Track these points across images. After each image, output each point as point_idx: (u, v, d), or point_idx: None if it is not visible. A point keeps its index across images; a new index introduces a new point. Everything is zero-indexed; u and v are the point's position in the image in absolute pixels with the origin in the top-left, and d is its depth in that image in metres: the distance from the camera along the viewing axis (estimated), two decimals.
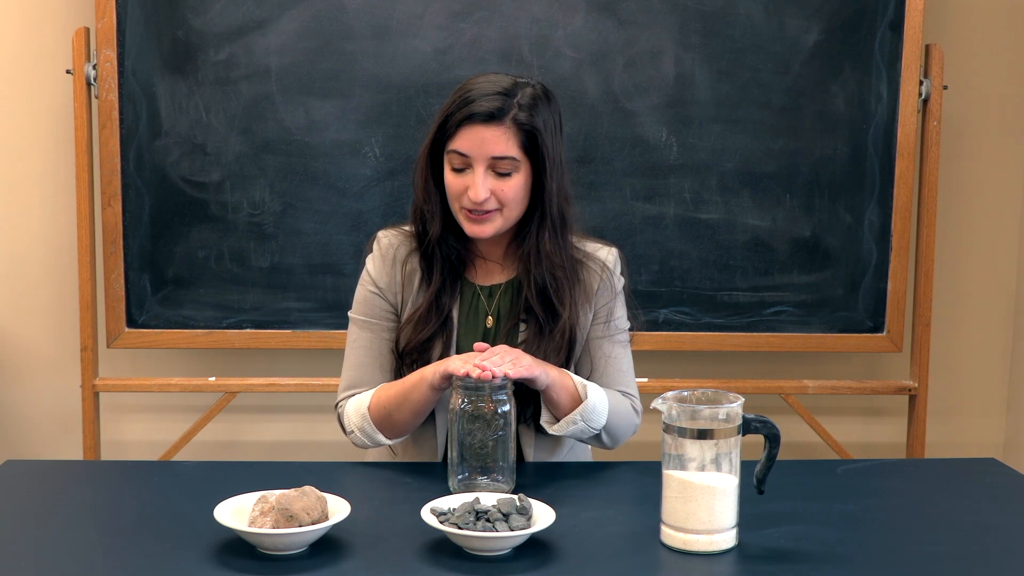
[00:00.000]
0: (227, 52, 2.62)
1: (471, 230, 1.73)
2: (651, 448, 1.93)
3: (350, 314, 1.85)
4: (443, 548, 1.40)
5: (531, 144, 1.70)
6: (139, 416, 2.93)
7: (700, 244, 2.73)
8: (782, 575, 1.35)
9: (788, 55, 2.68)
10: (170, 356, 2.85)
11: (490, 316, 1.81)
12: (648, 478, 1.64)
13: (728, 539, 1.42)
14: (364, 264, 1.85)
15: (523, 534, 1.38)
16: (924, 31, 2.69)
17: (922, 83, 2.70)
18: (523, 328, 1.79)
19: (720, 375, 2.91)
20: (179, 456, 2.77)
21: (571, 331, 1.77)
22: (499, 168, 1.69)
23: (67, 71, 2.64)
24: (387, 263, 1.82)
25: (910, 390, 2.83)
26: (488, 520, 1.40)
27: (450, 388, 1.64)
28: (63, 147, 2.78)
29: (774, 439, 1.47)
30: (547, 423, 1.74)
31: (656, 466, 1.48)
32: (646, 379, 2.69)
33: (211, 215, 2.67)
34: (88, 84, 2.62)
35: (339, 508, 1.43)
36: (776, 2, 2.66)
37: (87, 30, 2.62)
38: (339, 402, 1.83)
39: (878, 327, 2.78)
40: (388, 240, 1.84)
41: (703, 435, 1.40)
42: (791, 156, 2.71)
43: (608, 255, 1.84)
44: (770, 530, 1.49)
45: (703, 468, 1.41)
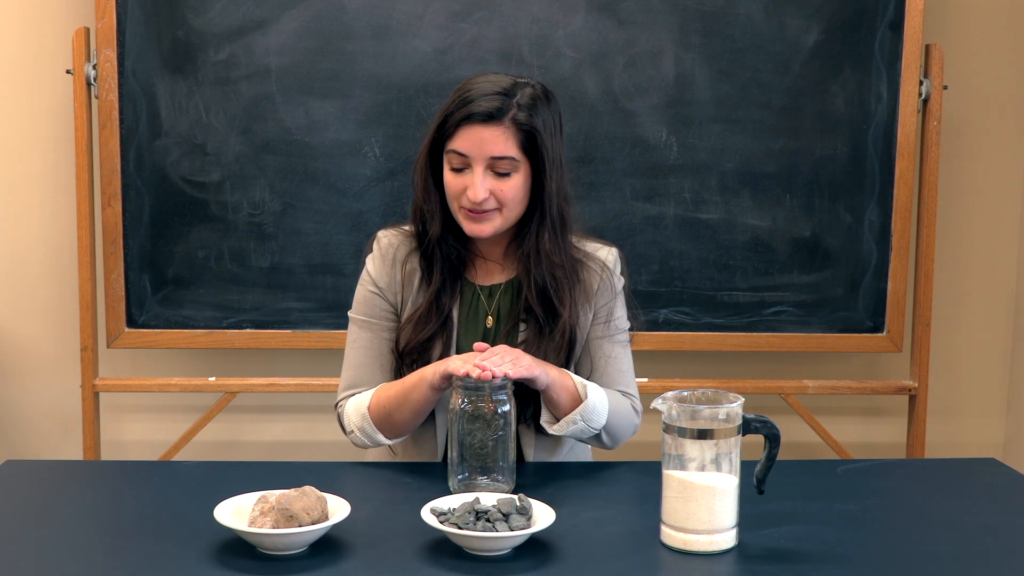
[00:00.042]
0: (227, 52, 2.62)
1: (470, 229, 1.73)
2: (651, 448, 1.93)
3: (350, 314, 1.85)
4: (443, 548, 1.40)
5: (530, 144, 1.69)
6: (139, 416, 2.93)
7: (700, 244, 2.73)
8: (782, 575, 1.35)
9: (788, 55, 2.68)
10: (170, 356, 2.85)
11: (490, 316, 1.81)
12: (648, 478, 1.64)
13: (728, 539, 1.42)
14: (364, 264, 1.85)
15: (523, 534, 1.38)
16: (924, 31, 2.69)
17: (922, 83, 2.70)
18: (523, 328, 1.79)
19: (720, 375, 2.91)
20: (179, 456, 2.77)
21: (571, 331, 1.77)
22: (498, 168, 1.69)
23: (67, 71, 2.64)
24: (387, 263, 1.82)
25: (910, 390, 2.83)
26: (488, 520, 1.40)
27: (450, 388, 1.64)
28: (63, 147, 2.78)
29: (774, 439, 1.47)
30: (547, 423, 1.73)
31: (656, 466, 1.48)
32: (646, 379, 2.69)
33: (211, 215, 2.67)
34: (88, 84, 2.62)
35: (339, 508, 1.43)
36: (776, 2, 2.66)
37: (87, 30, 2.62)
38: (339, 402, 1.83)
39: (878, 327, 2.78)
40: (388, 240, 1.84)
41: (703, 435, 1.40)
42: (791, 156, 2.71)
43: (608, 255, 1.84)
44: (770, 530, 1.49)
45: (703, 468, 1.41)
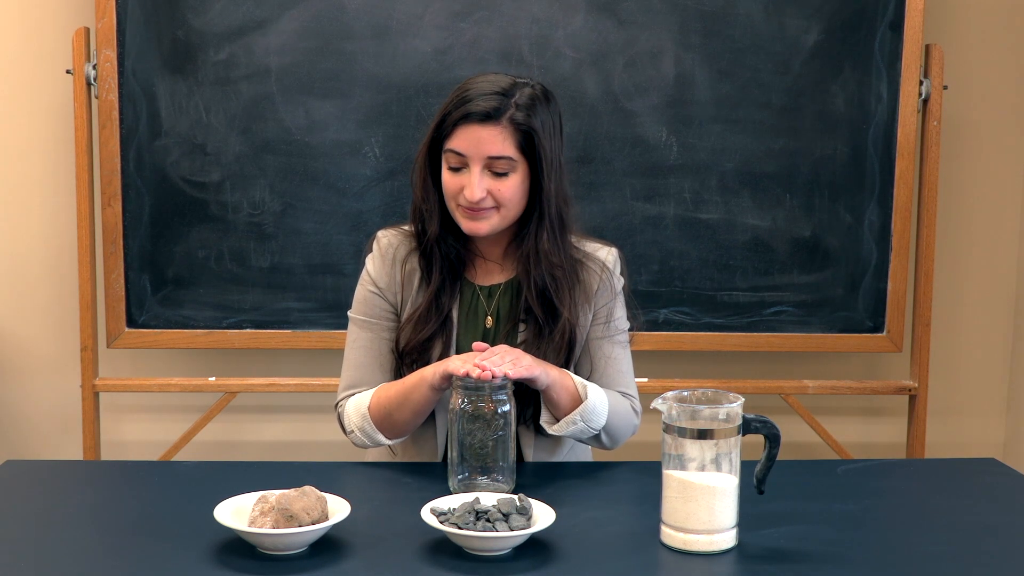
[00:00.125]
0: (227, 52, 2.62)
1: (467, 227, 1.73)
2: (651, 448, 1.93)
3: (350, 314, 1.85)
4: (443, 548, 1.40)
5: (528, 144, 1.69)
6: (139, 416, 2.93)
7: (700, 244, 2.73)
8: (782, 575, 1.35)
9: (788, 55, 2.68)
10: (170, 356, 2.85)
11: (489, 316, 1.81)
12: (648, 478, 1.64)
13: (728, 539, 1.42)
14: (364, 264, 1.85)
15: (523, 534, 1.38)
16: (924, 31, 2.69)
17: (922, 83, 2.70)
18: (522, 329, 1.79)
19: (720, 375, 2.91)
20: (179, 456, 2.77)
21: (571, 332, 1.77)
22: (496, 168, 1.69)
23: (67, 71, 2.64)
24: (387, 263, 1.82)
25: (910, 390, 2.83)
26: (488, 520, 1.40)
27: (450, 388, 1.64)
28: (63, 147, 2.78)
29: (774, 439, 1.47)
30: (547, 423, 1.73)
31: (656, 466, 1.48)
32: (646, 379, 2.69)
33: (211, 215, 2.67)
34: (88, 84, 2.62)
35: (339, 508, 1.43)
36: (776, 2, 2.66)
37: (87, 30, 2.62)
38: (339, 402, 1.83)
39: (878, 327, 2.78)
40: (388, 240, 1.84)
41: (703, 435, 1.40)
42: (791, 156, 2.71)
43: (608, 255, 1.84)
44: (770, 530, 1.49)
45: (703, 468, 1.41)
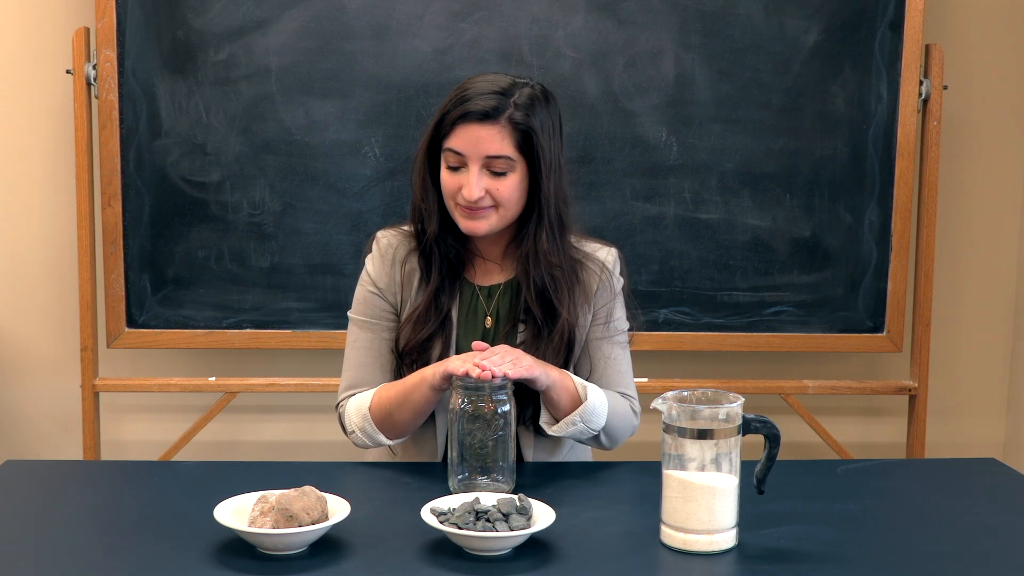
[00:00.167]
0: (227, 52, 2.62)
1: (466, 226, 1.73)
2: (651, 448, 1.93)
3: (350, 314, 1.85)
4: (443, 548, 1.40)
5: (527, 144, 1.69)
6: (139, 416, 2.93)
7: (700, 244, 2.73)
8: (782, 575, 1.35)
9: (788, 55, 2.68)
10: (170, 356, 2.85)
11: (489, 317, 1.81)
12: (648, 478, 1.64)
13: (728, 539, 1.42)
14: (364, 264, 1.85)
15: (523, 534, 1.38)
16: (924, 31, 2.69)
17: (922, 83, 2.70)
18: (522, 329, 1.79)
19: (720, 375, 2.91)
20: (179, 456, 2.77)
21: (570, 332, 1.77)
22: (494, 167, 1.69)
23: (67, 71, 2.64)
24: (386, 263, 1.82)
25: (910, 390, 2.83)
26: (488, 520, 1.40)
27: (450, 388, 1.64)
28: (63, 147, 2.78)
29: (774, 439, 1.47)
30: (546, 424, 1.73)
31: (656, 466, 1.48)
32: (646, 379, 2.69)
33: (211, 215, 2.67)
34: (88, 84, 2.62)
35: (339, 508, 1.43)
36: (776, 2, 2.66)
37: (87, 30, 2.62)
38: (340, 402, 1.83)
39: (878, 327, 2.78)
40: (387, 240, 1.84)
41: (703, 435, 1.40)
42: (791, 156, 2.71)
43: (607, 255, 1.84)
44: (770, 530, 1.49)
45: (703, 468, 1.41)
